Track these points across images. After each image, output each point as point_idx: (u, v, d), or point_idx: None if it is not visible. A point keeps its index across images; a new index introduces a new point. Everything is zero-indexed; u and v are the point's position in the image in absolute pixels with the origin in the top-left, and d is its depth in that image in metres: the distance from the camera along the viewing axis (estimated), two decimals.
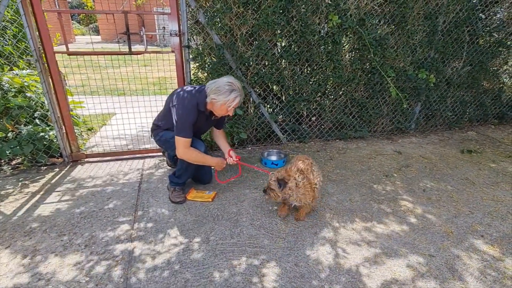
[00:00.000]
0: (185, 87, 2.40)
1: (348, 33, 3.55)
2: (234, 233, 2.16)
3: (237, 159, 2.65)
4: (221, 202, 2.56)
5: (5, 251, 1.95)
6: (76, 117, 3.88)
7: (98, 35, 25.83)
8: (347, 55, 3.77)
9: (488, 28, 4.04)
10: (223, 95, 2.20)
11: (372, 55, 3.60)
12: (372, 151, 3.73)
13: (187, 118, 2.24)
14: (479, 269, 1.86)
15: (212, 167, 2.77)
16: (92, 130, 4.32)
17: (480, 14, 3.92)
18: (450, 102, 4.41)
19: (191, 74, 3.30)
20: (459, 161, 3.45)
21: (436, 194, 2.72)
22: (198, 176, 2.76)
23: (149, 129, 2.74)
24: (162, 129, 2.50)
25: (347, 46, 3.72)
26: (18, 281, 1.72)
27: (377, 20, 3.57)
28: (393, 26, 3.64)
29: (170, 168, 3.12)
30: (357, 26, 3.40)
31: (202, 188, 2.76)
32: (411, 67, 3.94)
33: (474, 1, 3.79)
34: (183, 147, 2.29)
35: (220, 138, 2.77)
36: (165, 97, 2.59)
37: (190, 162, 2.40)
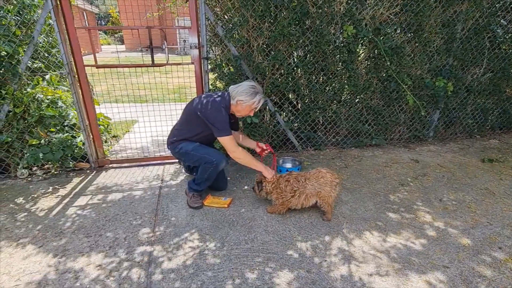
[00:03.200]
0: (205, 95, 2.53)
1: (364, 42, 3.59)
2: (249, 239, 2.23)
3: (268, 149, 2.84)
4: (237, 208, 2.64)
5: (38, 249, 2.12)
6: (103, 126, 4.13)
7: (123, 44, 26.95)
8: (363, 63, 3.79)
9: (510, 34, 3.94)
10: (250, 97, 2.38)
11: (388, 64, 3.61)
12: (388, 159, 3.71)
13: (224, 118, 2.39)
14: (495, 282, 1.83)
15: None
16: (117, 138, 4.56)
17: (501, 20, 3.84)
18: (471, 110, 4.31)
19: (209, 84, 3.44)
20: (479, 170, 3.37)
21: (453, 204, 2.69)
22: (215, 184, 2.86)
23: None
24: (180, 140, 2.60)
25: (362, 55, 3.75)
26: (49, 277, 1.87)
27: (393, 29, 3.58)
28: (410, 35, 3.63)
29: (188, 174, 3.25)
30: (372, 36, 3.42)
31: (218, 194, 2.86)
32: (428, 74, 3.90)
33: (494, 8, 3.72)
34: (233, 145, 2.43)
35: (243, 137, 2.90)
36: (184, 105, 2.72)
37: (240, 162, 2.54)
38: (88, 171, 3.37)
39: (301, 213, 2.55)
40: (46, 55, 3.32)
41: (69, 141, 3.27)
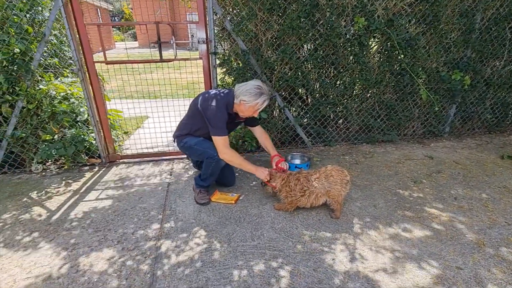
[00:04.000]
0: (211, 91, 2.51)
1: (376, 34, 3.47)
2: (255, 236, 2.21)
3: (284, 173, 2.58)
4: (244, 204, 2.63)
5: (50, 243, 2.17)
6: (114, 121, 4.18)
7: (136, 40, 27.28)
8: (375, 56, 3.68)
9: None
10: (253, 98, 2.31)
11: (401, 56, 3.48)
12: (401, 156, 3.60)
13: (221, 116, 2.35)
14: (511, 285, 1.75)
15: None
16: (128, 133, 4.61)
17: None
18: (490, 104, 4.12)
19: (218, 79, 3.41)
20: (498, 168, 3.22)
21: (468, 203, 2.58)
22: (222, 179, 2.85)
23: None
24: (185, 135, 2.60)
25: (374, 47, 3.63)
26: (59, 271, 1.91)
27: (407, 20, 3.45)
28: (425, 26, 3.48)
29: (196, 170, 3.26)
30: (385, 28, 3.30)
31: (225, 190, 2.85)
32: (444, 67, 3.75)
33: None
34: (224, 146, 2.39)
35: (263, 139, 2.81)
36: None
37: (230, 164, 2.51)
38: (99, 166, 3.43)
39: (309, 210, 2.50)
40: (58, 52, 3.37)
41: (81, 136, 3.32)
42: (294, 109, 3.80)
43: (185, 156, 3.60)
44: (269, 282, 1.80)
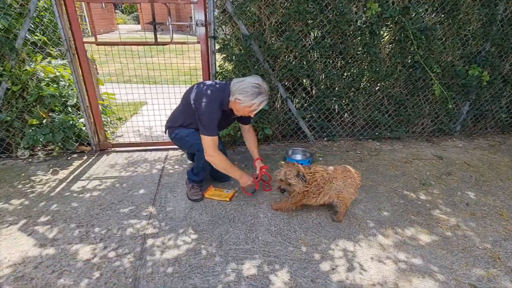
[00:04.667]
0: (206, 82, 2.28)
1: (389, 23, 3.21)
2: (249, 238, 2.04)
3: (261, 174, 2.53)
4: (239, 202, 2.45)
5: (27, 238, 2.01)
6: (107, 107, 3.98)
7: (138, 24, 26.74)
8: (386, 47, 3.42)
9: None
10: (250, 98, 2.07)
11: (415, 48, 3.23)
12: (409, 154, 3.39)
13: (214, 116, 2.14)
14: None
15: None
16: (122, 120, 4.41)
17: None
18: (506, 102, 3.88)
19: (217, 65, 3.18)
20: None
21: (481, 210, 2.39)
22: (217, 174, 2.66)
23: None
24: (177, 126, 2.41)
25: (386, 37, 3.37)
26: (34, 270, 1.75)
27: (424, 9, 3.17)
28: (443, 15, 3.21)
29: (191, 162, 3.07)
30: (400, 15, 3.04)
31: (221, 186, 2.67)
32: (460, 61, 3.49)
33: None
34: (211, 148, 2.19)
35: (249, 138, 2.62)
36: None
37: (215, 167, 2.32)
38: (89, 155, 3.25)
39: (309, 211, 2.32)
40: (45, 30, 3.14)
41: (70, 122, 3.13)
42: (297, 100, 3.58)
43: (180, 149, 3.41)
44: None
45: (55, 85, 3.13)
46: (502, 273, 1.78)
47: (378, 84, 3.53)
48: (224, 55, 3.15)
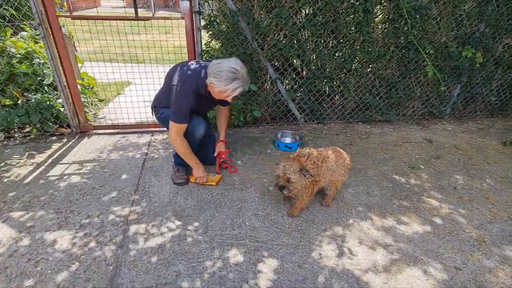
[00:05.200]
0: (189, 64, 2.15)
1: (383, 0, 3.07)
2: (236, 224, 1.99)
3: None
4: (226, 186, 2.38)
5: (1, 225, 1.90)
6: (88, 87, 3.78)
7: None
8: (380, 26, 3.30)
9: None
10: (224, 83, 1.94)
11: (409, 28, 3.12)
12: (399, 138, 3.37)
13: (185, 102, 2.04)
14: None
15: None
16: (105, 101, 4.22)
17: None
18: (496, 86, 3.86)
19: (203, 44, 3.02)
20: (500, 155, 3.03)
21: (469, 193, 2.39)
22: (203, 156, 2.56)
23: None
24: (162, 107, 2.30)
25: (380, 16, 3.24)
26: (8, 259, 1.66)
27: None
28: None
29: None
30: None
31: (208, 170, 2.59)
32: (454, 42, 3.41)
33: None
34: (175, 133, 2.13)
35: (220, 118, 2.57)
36: None
37: (176, 151, 2.28)
38: (69, 137, 3.09)
39: None
40: (14, 2, 2.88)
41: (47, 102, 2.95)
42: (287, 82, 3.46)
43: (166, 129, 3.29)
44: (246, 278, 1.60)
45: (28, 63, 2.92)
46: (486, 256, 1.79)
47: (370, 66, 3.44)
48: (211, 32, 2.98)
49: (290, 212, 2.07)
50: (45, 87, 3.03)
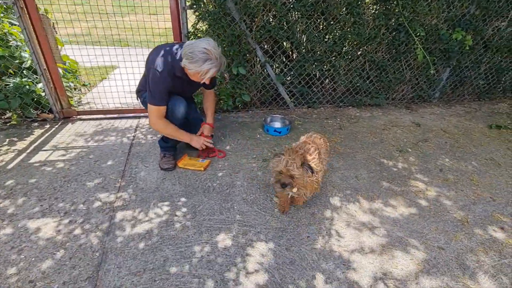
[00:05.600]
0: (166, 46, 2.09)
1: None
2: (224, 208, 1.98)
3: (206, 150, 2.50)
4: (214, 171, 2.36)
5: None
6: (70, 71, 3.64)
7: None
8: (371, 8, 3.23)
9: None
10: (196, 64, 1.90)
11: (400, 9, 3.07)
12: (387, 121, 3.38)
13: (160, 85, 2.01)
14: (494, 267, 1.64)
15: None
16: (89, 85, 4.08)
17: None
18: (484, 69, 3.87)
19: (189, 25, 2.91)
20: (485, 138, 3.08)
21: (454, 175, 2.44)
22: None
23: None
24: (145, 91, 2.23)
25: None
26: None
27: None
28: None
29: None
30: None
31: (196, 155, 2.55)
32: (444, 25, 3.38)
33: None
34: (155, 117, 2.10)
35: (205, 102, 2.54)
36: None
37: (163, 134, 2.25)
38: (52, 123, 3.00)
39: None
40: None
41: (27, 87, 2.83)
42: (276, 65, 3.40)
43: None
44: (235, 262, 1.61)
45: (3, 45, 2.78)
46: (469, 236, 1.84)
47: (361, 48, 3.39)
48: (198, 13, 2.87)
49: (285, 210, 1.96)
50: (24, 71, 2.90)
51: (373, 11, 3.23)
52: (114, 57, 3.53)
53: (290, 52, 3.42)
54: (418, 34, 3.23)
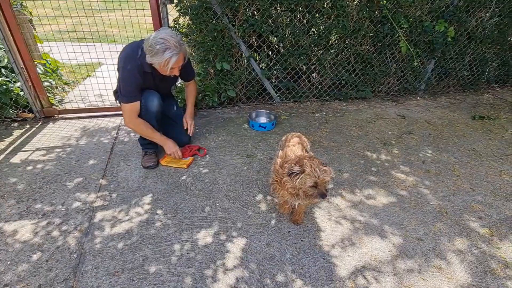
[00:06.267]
0: (135, 43, 2.08)
1: None
2: (206, 205, 1.98)
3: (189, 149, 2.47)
4: (198, 169, 2.35)
5: None
6: (51, 69, 3.56)
7: None
8: (354, 0, 3.22)
9: None
10: (156, 57, 1.88)
11: (383, 1, 3.06)
12: (373, 114, 3.39)
13: (128, 82, 2.00)
14: (471, 257, 1.67)
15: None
16: (73, 83, 4.00)
17: None
18: (469, 60, 3.90)
19: (170, 20, 2.86)
20: (468, 129, 3.11)
21: (436, 167, 2.46)
22: (173, 136, 2.48)
23: None
24: None
25: None
26: None
27: None
28: None
29: None
30: None
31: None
32: (428, 16, 3.38)
33: None
34: (128, 115, 2.10)
35: (186, 92, 2.54)
36: None
37: (138, 133, 2.24)
38: (32, 123, 2.94)
39: (269, 176, 2.27)
40: None
41: (4, 86, 2.76)
42: (261, 59, 3.37)
43: None
44: (214, 259, 1.60)
45: None
46: (447, 226, 1.87)
47: (345, 41, 3.38)
48: (179, 8, 2.82)
49: (297, 219, 1.83)
50: (2, 70, 2.82)
51: (357, 3, 3.22)
52: (100, 54, 3.46)
53: (275, 46, 3.39)
54: (401, 26, 3.23)
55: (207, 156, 2.51)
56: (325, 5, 3.06)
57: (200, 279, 1.49)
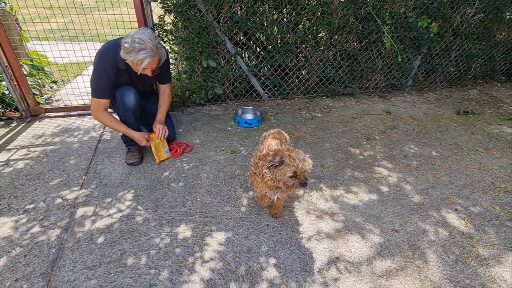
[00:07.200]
0: (112, 40, 2.11)
1: None
2: (187, 201, 2.00)
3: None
4: (182, 165, 2.37)
5: None
6: (37, 68, 3.56)
7: None
8: None
9: None
10: (130, 55, 1.91)
11: None
12: (359, 110, 3.42)
13: (99, 78, 2.04)
14: (443, 246, 1.70)
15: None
16: (62, 82, 4.00)
17: None
18: (455, 56, 3.94)
19: (155, 17, 2.87)
20: (452, 124, 3.15)
21: (417, 161, 2.50)
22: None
23: None
24: None
25: None
26: None
27: None
28: None
29: None
30: None
31: (168, 144, 2.54)
32: (413, 13, 3.41)
33: None
34: (94, 110, 2.13)
35: (160, 101, 2.43)
36: None
37: (106, 126, 2.30)
38: (18, 121, 2.95)
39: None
40: None
41: None
42: (247, 56, 3.39)
43: (112, 110, 3.18)
44: (192, 252, 1.63)
45: None
46: (423, 218, 1.90)
47: (331, 38, 3.40)
48: (163, 5, 2.83)
49: (276, 213, 1.86)
50: None
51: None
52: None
53: (260, 43, 3.41)
54: (386, 22, 3.26)
55: (192, 152, 2.53)
56: (309, 2, 3.08)
57: (177, 271, 1.52)
